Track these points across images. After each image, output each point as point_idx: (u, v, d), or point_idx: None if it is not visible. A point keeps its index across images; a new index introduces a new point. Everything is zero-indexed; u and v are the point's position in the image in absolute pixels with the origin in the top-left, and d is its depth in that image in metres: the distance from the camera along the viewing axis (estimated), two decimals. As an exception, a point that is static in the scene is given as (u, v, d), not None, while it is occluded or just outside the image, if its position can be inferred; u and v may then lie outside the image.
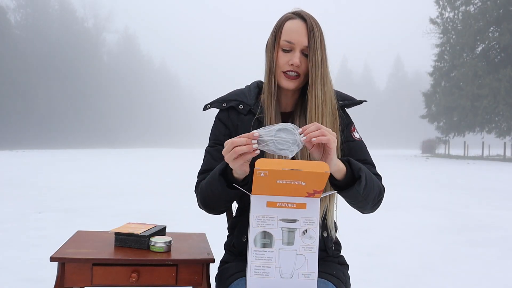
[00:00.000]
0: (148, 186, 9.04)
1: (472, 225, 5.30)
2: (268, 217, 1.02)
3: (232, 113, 1.31)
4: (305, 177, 0.97)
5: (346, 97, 1.33)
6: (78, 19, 59.53)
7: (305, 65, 1.21)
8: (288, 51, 1.21)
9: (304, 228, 1.02)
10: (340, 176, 1.11)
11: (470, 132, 31.61)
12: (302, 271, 1.02)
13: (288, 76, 1.22)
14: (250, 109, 1.29)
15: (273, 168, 0.95)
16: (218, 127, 1.33)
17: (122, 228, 1.40)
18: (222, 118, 1.33)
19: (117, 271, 1.22)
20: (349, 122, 1.33)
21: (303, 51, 1.21)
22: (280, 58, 1.22)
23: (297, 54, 1.20)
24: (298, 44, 1.20)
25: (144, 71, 76.03)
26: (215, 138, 1.32)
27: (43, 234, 4.41)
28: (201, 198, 1.25)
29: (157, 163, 18.31)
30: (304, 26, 1.20)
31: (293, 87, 1.23)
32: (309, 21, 1.20)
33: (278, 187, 0.99)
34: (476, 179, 12.09)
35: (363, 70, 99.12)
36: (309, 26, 1.19)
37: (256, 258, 1.02)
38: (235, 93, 1.35)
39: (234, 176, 1.11)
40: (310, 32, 1.19)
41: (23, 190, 8.09)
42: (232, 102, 1.31)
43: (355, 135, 1.31)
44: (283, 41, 1.21)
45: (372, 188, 1.16)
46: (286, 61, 1.21)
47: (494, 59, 29.76)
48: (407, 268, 3.42)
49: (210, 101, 1.36)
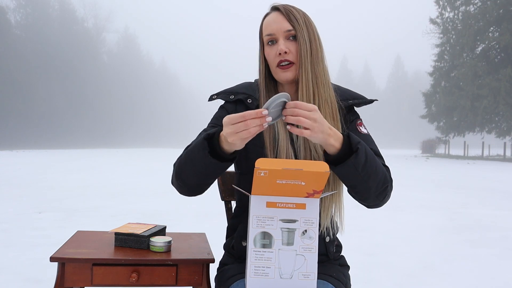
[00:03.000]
0: (148, 186, 9.04)
1: (472, 225, 5.30)
2: (267, 217, 1.02)
3: (240, 106, 1.26)
4: (305, 177, 0.96)
5: (356, 95, 1.29)
6: (78, 19, 59.52)
7: (294, 49, 1.16)
8: (273, 44, 1.18)
9: (304, 228, 1.02)
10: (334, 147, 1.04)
11: (470, 132, 31.63)
12: (302, 271, 1.02)
13: (282, 67, 1.17)
14: (258, 105, 1.24)
15: (273, 167, 0.95)
16: (222, 114, 1.26)
17: (122, 228, 1.40)
18: (229, 109, 1.27)
19: (117, 271, 1.22)
20: (355, 117, 1.28)
21: (288, 37, 1.17)
22: (268, 54, 1.19)
23: (281, 41, 1.16)
24: (278, 32, 1.16)
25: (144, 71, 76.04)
26: (215, 122, 1.25)
27: (43, 234, 4.40)
28: (176, 168, 1.14)
29: (157, 163, 18.31)
30: (279, 14, 1.18)
31: (291, 76, 1.17)
32: (283, 7, 1.18)
33: (277, 187, 0.99)
34: (476, 179, 12.09)
35: (363, 70, 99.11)
36: (285, 11, 1.17)
37: (256, 258, 1.02)
38: (243, 85, 1.30)
39: (222, 148, 1.04)
40: (289, 15, 1.16)
41: (23, 190, 8.09)
42: (240, 95, 1.26)
43: (362, 129, 1.26)
44: (265, 36, 1.19)
45: (375, 169, 1.07)
46: (274, 53, 1.17)
47: (494, 59, 29.76)
48: (407, 268, 3.42)
49: (217, 92, 1.30)
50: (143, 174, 12.43)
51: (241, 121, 0.94)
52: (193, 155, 1.07)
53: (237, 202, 1.36)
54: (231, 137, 0.96)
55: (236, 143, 0.98)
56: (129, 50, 73.28)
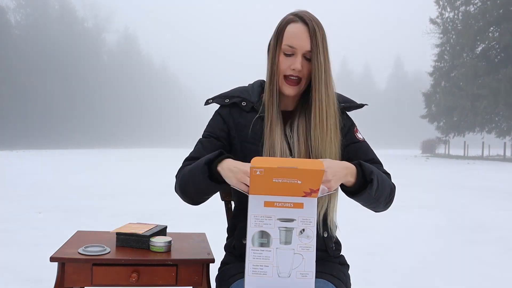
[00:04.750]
0: (148, 186, 9.04)
1: (472, 225, 5.30)
2: (265, 216, 1.02)
3: (234, 110, 1.30)
4: (301, 175, 0.97)
5: (346, 99, 1.34)
6: (78, 19, 59.55)
7: (306, 69, 1.21)
8: (290, 55, 1.21)
9: (302, 227, 1.03)
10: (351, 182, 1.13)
11: (470, 132, 31.61)
12: (300, 270, 1.03)
13: (289, 81, 1.22)
14: (253, 106, 1.28)
15: (268, 165, 0.96)
16: (216, 121, 1.31)
17: (123, 228, 1.40)
18: (223, 114, 1.31)
19: (117, 271, 1.22)
20: (351, 124, 1.33)
21: (305, 55, 1.20)
22: (282, 62, 1.22)
23: (298, 59, 1.19)
24: (300, 48, 1.19)
25: (144, 71, 76.04)
26: (211, 130, 1.30)
27: (43, 234, 4.40)
28: (180, 182, 1.23)
29: (157, 163, 18.31)
30: (306, 30, 1.19)
31: (293, 93, 1.23)
32: (311, 25, 1.19)
33: (274, 186, 0.99)
34: (476, 179, 12.08)
35: (363, 70, 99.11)
36: (311, 30, 1.18)
37: (254, 257, 1.02)
38: (238, 90, 1.34)
39: (219, 171, 1.10)
40: (313, 36, 1.18)
41: (23, 190, 8.09)
42: (235, 99, 1.30)
43: (359, 136, 1.32)
44: (285, 46, 1.20)
45: (384, 188, 1.17)
46: (288, 65, 1.21)
47: (494, 59, 29.73)
48: (407, 268, 3.42)
49: (213, 96, 1.35)
50: (143, 174, 12.43)
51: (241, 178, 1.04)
52: (194, 177, 1.16)
53: (235, 202, 1.37)
54: (228, 181, 1.08)
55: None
56: (129, 50, 73.27)
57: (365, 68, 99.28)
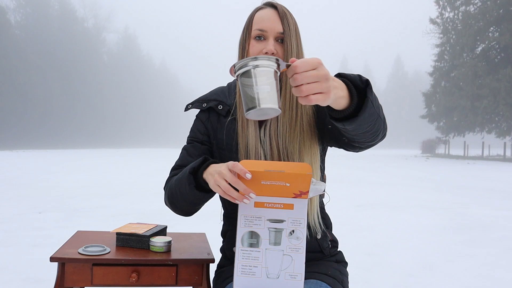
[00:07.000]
0: (148, 186, 9.04)
1: (472, 225, 5.30)
2: (255, 217, 1.02)
3: (212, 114, 1.26)
4: (288, 179, 0.97)
5: None
6: (78, 19, 59.52)
7: (281, 53, 1.13)
8: (261, 40, 1.14)
9: (291, 228, 1.02)
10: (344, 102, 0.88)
11: (470, 132, 31.62)
12: (289, 271, 1.02)
13: None
14: (229, 109, 1.23)
15: (255, 169, 0.95)
16: (198, 126, 1.28)
17: (123, 228, 1.40)
18: (202, 119, 1.28)
19: (117, 271, 1.22)
20: None
21: (277, 38, 1.14)
22: (253, 47, 1.14)
23: (271, 41, 1.13)
24: (271, 31, 1.13)
25: (144, 71, 76.04)
26: (194, 135, 1.27)
27: (43, 234, 4.40)
28: (168, 194, 1.18)
29: (157, 163, 18.30)
30: (275, 13, 1.15)
31: None
32: (280, 8, 1.15)
33: (263, 188, 0.99)
34: (476, 179, 12.08)
35: (363, 70, 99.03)
36: (281, 12, 1.14)
37: (243, 257, 1.02)
38: (215, 91, 1.29)
39: (205, 180, 1.06)
40: (283, 18, 1.14)
41: (23, 190, 8.09)
42: (211, 102, 1.25)
43: None
44: (255, 30, 1.14)
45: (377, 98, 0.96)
46: (260, 49, 1.13)
47: (494, 59, 29.75)
48: (407, 268, 3.42)
49: (192, 101, 1.30)
50: (143, 174, 12.42)
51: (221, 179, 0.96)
52: (181, 189, 1.11)
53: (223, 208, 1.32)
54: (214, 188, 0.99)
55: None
56: (129, 50, 73.28)
57: (365, 68, 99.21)
